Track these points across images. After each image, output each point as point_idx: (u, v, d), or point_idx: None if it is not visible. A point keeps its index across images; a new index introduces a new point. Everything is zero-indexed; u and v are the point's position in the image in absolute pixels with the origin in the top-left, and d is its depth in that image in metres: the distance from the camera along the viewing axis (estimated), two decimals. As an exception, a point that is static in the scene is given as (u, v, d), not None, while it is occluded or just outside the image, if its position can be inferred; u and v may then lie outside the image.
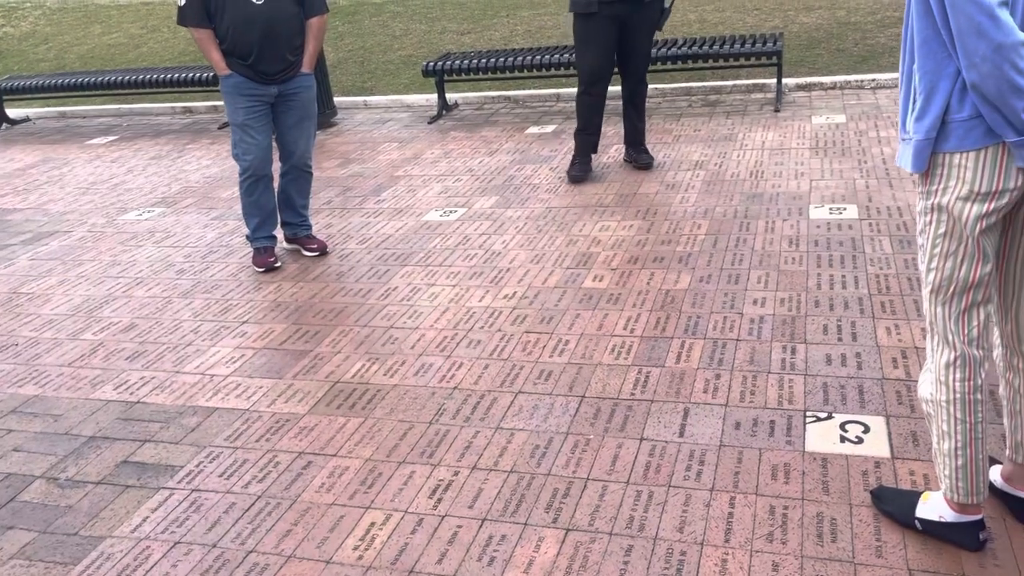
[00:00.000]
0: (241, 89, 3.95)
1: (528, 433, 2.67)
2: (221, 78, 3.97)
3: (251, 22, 3.84)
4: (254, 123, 3.99)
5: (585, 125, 4.94)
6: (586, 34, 4.73)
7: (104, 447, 2.83)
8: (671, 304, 3.40)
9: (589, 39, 4.73)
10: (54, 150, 7.04)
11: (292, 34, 3.96)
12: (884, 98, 6.05)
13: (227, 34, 3.87)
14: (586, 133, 4.96)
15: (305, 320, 3.60)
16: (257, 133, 4.01)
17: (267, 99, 4.01)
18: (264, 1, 3.84)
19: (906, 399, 2.64)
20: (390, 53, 8.57)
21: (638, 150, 5.11)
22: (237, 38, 3.86)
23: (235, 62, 3.92)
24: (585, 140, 4.98)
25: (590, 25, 4.69)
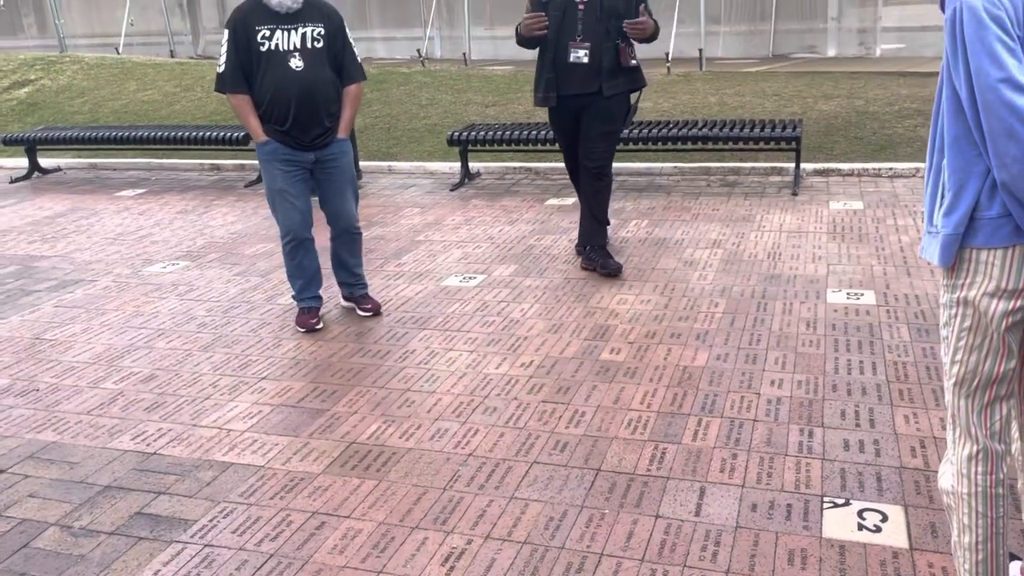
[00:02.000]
0: (278, 155, 4.01)
1: (543, 504, 2.67)
2: (258, 145, 4.01)
3: (289, 88, 3.91)
4: (292, 188, 4.04)
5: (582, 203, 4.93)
6: (552, 123, 4.83)
7: (119, 497, 2.83)
8: (688, 381, 3.42)
9: (555, 128, 4.84)
10: (83, 200, 7.19)
11: (329, 101, 4.04)
12: (901, 187, 6.14)
13: (265, 100, 3.94)
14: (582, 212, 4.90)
15: (323, 379, 3.62)
16: (295, 199, 4.06)
17: (304, 165, 4.06)
18: (302, 68, 3.93)
19: (924, 489, 2.63)
20: (416, 121, 8.77)
21: (601, 254, 4.70)
22: (275, 104, 3.93)
23: (272, 128, 3.98)
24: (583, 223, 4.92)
25: (553, 119, 4.78)
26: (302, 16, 3.95)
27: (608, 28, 4.50)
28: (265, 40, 3.90)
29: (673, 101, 8.67)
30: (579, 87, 4.55)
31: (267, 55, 3.90)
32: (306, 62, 3.93)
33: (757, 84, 9.18)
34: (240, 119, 4.02)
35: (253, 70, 3.94)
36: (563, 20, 4.50)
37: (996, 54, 1.61)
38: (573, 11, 4.49)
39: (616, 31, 4.51)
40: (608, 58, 4.51)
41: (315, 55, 3.97)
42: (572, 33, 4.50)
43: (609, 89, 4.55)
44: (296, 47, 3.93)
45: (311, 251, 4.19)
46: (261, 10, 3.91)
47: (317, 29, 3.97)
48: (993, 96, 1.61)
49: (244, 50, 3.91)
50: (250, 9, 3.92)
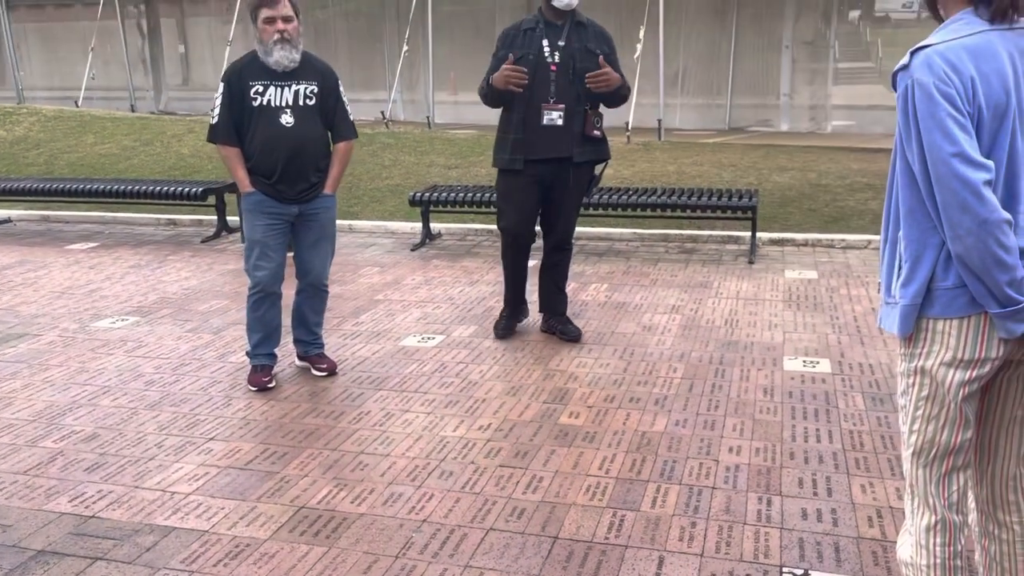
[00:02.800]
0: (262, 207, 3.99)
1: (498, 573, 2.59)
2: (243, 195, 4.01)
3: (278, 143, 3.92)
4: (271, 241, 4.02)
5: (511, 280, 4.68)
6: (508, 191, 4.46)
7: (53, 563, 2.69)
8: (647, 446, 3.39)
9: (511, 197, 4.46)
10: (32, 252, 7.02)
11: (318, 156, 4.05)
12: (854, 258, 6.28)
13: (254, 154, 3.95)
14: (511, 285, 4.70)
15: (274, 440, 3.52)
16: (272, 251, 4.03)
17: (287, 218, 4.05)
18: (293, 124, 3.94)
19: (882, 560, 2.61)
20: (378, 181, 8.80)
21: (561, 320, 4.69)
22: (264, 157, 3.94)
23: (259, 180, 3.98)
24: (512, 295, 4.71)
25: (513, 183, 4.43)
26: (297, 74, 3.97)
27: (579, 92, 4.33)
28: (258, 95, 3.93)
29: (633, 169, 8.83)
30: (550, 151, 4.35)
31: (259, 110, 3.93)
32: (296, 118, 3.95)
33: (714, 155, 9.41)
34: (228, 169, 4.03)
35: (244, 124, 3.96)
36: (534, 80, 4.28)
37: (948, 129, 1.65)
38: (545, 71, 4.31)
39: (587, 95, 4.35)
40: (578, 123, 4.35)
41: (306, 112, 3.99)
42: (544, 94, 4.30)
43: (579, 156, 4.39)
44: (288, 104, 3.95)
45: (276, 306, 4.14)
46: (257, 66, 3.94)
47: (311, 87, 4.00)
48: (946, 169, 1.65)
49: (237, 104, 3.94)
50: (246, 64, 3.96)
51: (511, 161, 4.39)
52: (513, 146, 4.38)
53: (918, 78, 1.68)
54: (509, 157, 4.39)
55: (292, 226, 4.10)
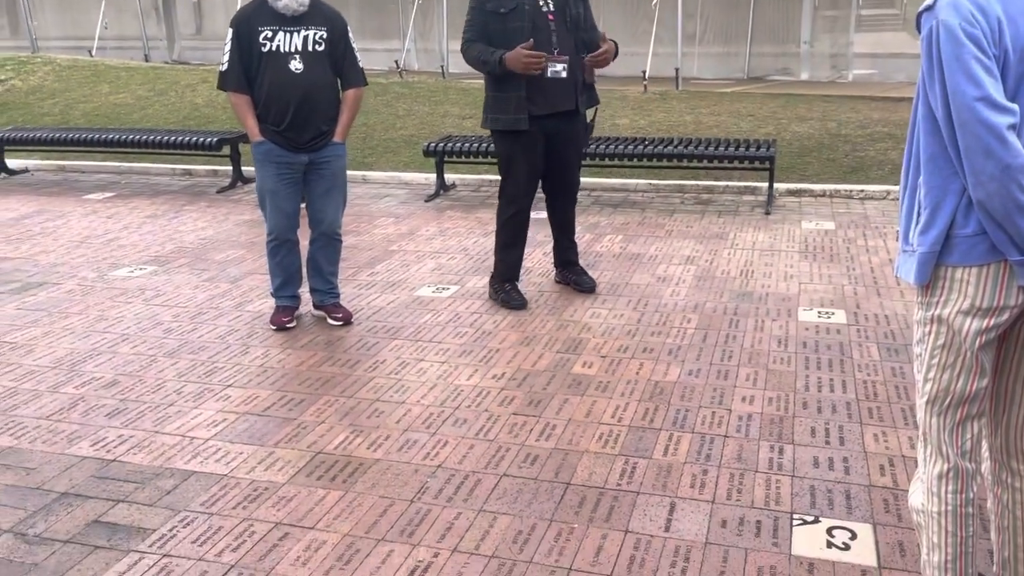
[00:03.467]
0: (272, 156, 3.99)
1: (511, 517, 2.63)
2: (253, 144, 4.01)
3: (287, 90, 3.91)
4: (283, 190, 4.03)
5: (515, 244, 4.44)
6: (514, 153, 4.27)
7: (76, 505, 2.75)
8: (660, 396, 3.40)
9: (519, 158, 4.27)
10: (50, 202, 7.06)
11: (327, 104, 4.03)
12: (872, 208, 6.21)
13: (262, 100, 3.94)
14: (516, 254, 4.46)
15: (291, 388, 3.56)
16: (284, 200, 4.05)
17: (297, 167, 4.05)
18: (302, 70, 3.92)
19: (893, 508, 2.63)
20: (392, 132, 8.74)
21: (576, 271, 4.65)
22: (272, 104, 3.93)
23: (268, 129, 3.98)
24: (514, 263, 4.47)
25: (518, 144, 4.24)
26: (306, 19, 3.93)
27: (575, 40, 4.23)
28: (267, 41, 3.89)
29: (649, 119, 8.72)
30: (556, 105, 4.21)
31: (268, 56, 3.90)
32: (306, 65, 3.92)
33: (732, 104, 9.27)
34: (238, 118, 4.02)
35: (254, 70, 3.93)
36: (533, 31, 4.10)
37: (973, 72, 1.61)
38: (544, 21, 4.15)
39: (581, 44, 4.25)
40: (578, 72, 4.24)
41: (316, 58, 3.95)
42: (546, 46, 4.12)
43: (583, 105, 4.32)
44: (297, 49, 3.91)
45: (293, 251, 4.19)
46: (266, 11, 3.91)
47: (320, 32, 3.96)
48: (970, 115, 1.62)
49: (247, 50, 3.91)
50: (254, 10, 3.93)
51: (515, 121, 4.16)
52: (517, 104, 4.15)
53: (943, 19, 1.64)
54: (513, 117, 4.16)
55: (303, 175, 4.10)
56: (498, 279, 4.51)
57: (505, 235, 4.44)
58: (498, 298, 4.48)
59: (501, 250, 4.47)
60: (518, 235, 4.45)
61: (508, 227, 4.43)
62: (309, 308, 4.45)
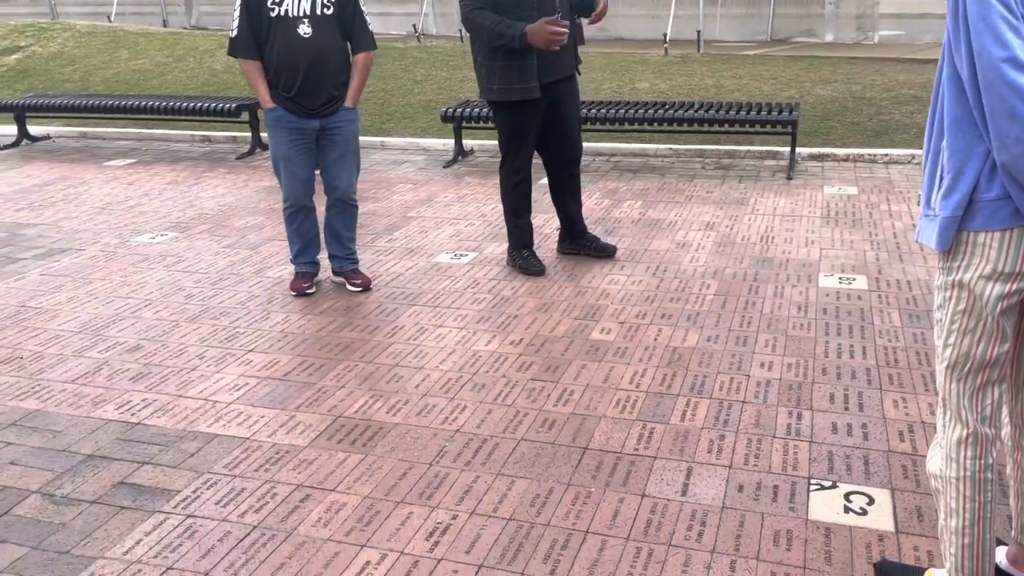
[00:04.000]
0: (284, 122, 4.00)
1: (529, 481, 2.65)
2: (265, 111, 4.02)
3: (297, 55, 3.90)
4: (296, 156, 4.04)
5: (526, 210, 4.42)
6: (523, 124, 4.19)
7: (102, 466, 2.81)
8: (678, 361, 3.40)
9: (526, 131, 4.21)
10: (72, 169, 7.11)
11: (338, 69, 4.02)
12: (896, 173, 6.12)
13: (272, 65, 3.94)
14: (527, 219, 4.44)
15: (311, 353, 3.59)
16: (298, 166, 4.06)
17: (310, 132, 4.05)
18: (311, 35, 3.90)
19: (912, 473, 2.63)
20: (410, 97, 8.70)
21: (590, 238, 4.59)
22: (282, 70, 3.92)
23: (279, 95, 3.98)
24: (528, 229, 4.46)
25: (526, 113, 4.16)
26: None
27: (571, 3, 4.21)
28: (275, 5, 3.87)
29: (670, 83, 8.61)
30: (559, 71, 4.18)
31: (276, 21, 3.88)
32: (315, 29, 3.90)
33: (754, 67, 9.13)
34: (249, 84, 4.01)
35: (263, 35, 3.92)
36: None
37: (999, 33, 1.58)
38: None
39: (572, 6, 4.22)
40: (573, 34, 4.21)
41: (324, 22, 3.93)
42: (550, 11, 4.05)
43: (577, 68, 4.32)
44: (306, 13, 3.89)
45: (310, 218, 4.22)
46: None
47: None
48: (995, 76, 1.58)
49: (255, 15, 3.89)
50: None
51: (527, 90, 4.06)
52: (526, 73, 4.05)
53: (970, -23, 1.60)
54: (524, 86, 4.06)
55: (317, 141, 4.10)
56: (515, 247, 4.50)
57: (515, 203, 4.41)
58: (516, 265, 4.47)
59: (513, 218, 4.44)
60: (527, 201, 4.43)
61: (516, 195, 4.39)
62: (328, 274, 4.48)
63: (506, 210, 4.46)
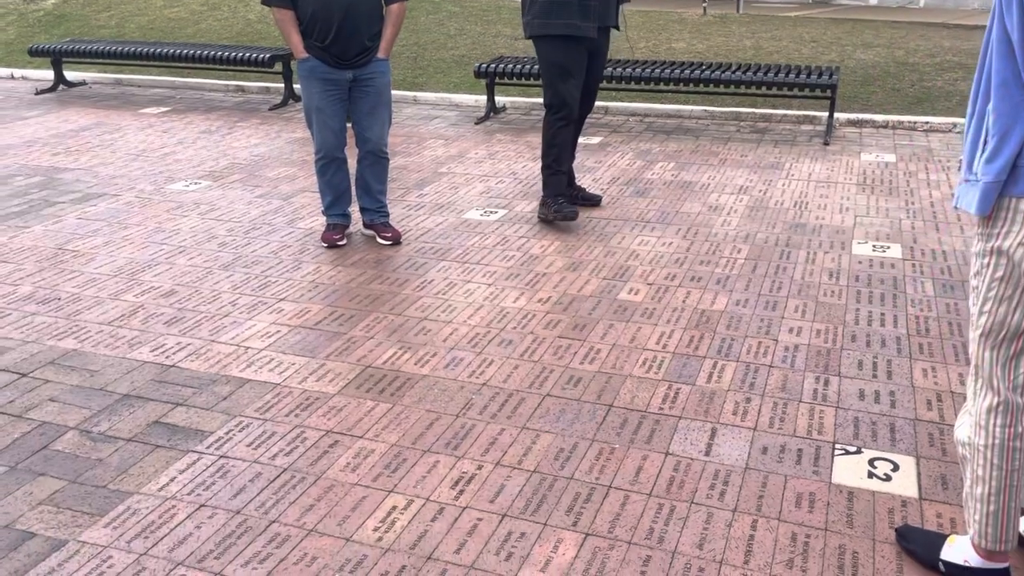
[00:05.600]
0: (316, 73, 4.01)
1: (553, 436, 2.68)
2: (298, 61, 4.04)
3: (332, 5, 3.89)
4: (328, 107, 4.06)
5: (563, 159, 4.45)
6: (571, 61, 4.27)
7: (137, 406, 2.88)
8: (706, 324, 3.40)
9: (575, 67, 4.30)
10: (108, 115, 7.16)
11: (371, 19, 4.02)
12: (936, 141, 6.00)
13: (307, 16, 3.94)
14: (563, 168, 4.47)
15: (341, 303, 3.63)
16: (330, 118, 4.08)
17: (343, 84, 4.06)
18: None
19: (938, 442, 2.62)
20: (443, 51, 8.63)
21: (575, 187, 4.77)
22: (317, 20, 3.92)
23: (312, 45, 3.98)
24: (562, 177, 4.49)
25: (577, 51, 4.27)
26: None
27: None
28: None
29: (707, 43, 8.47)
30: (604, 18, 4.32)
31: None
32: None
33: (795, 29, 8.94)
34: (282, 34, 4.02)
35: None
36: None
37: (1056, -7, 1.53)
38: None
39: None
40: None
41: None
42: None
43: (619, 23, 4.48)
44: None
45: (342, 170, 4.24)
46: None
47: None
48: (1048, 38, 1.54)
49: None
50: None
51: (586, 28, 4.19)
52: (585, 12, 4.18)
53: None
54: (584, 23, 4.18)
55: (349, 93, 4.10)
56: (551, 194, 4.50)
57: (557, 147, 4.43)
58: (550, 212, 4.47)
59: (553, 163, 4.45)
60: (568, 147, 4.47)
61: (559, 137, 4.41)
62: (359, 227, 4.50)
63: (547, 155, 4.46)
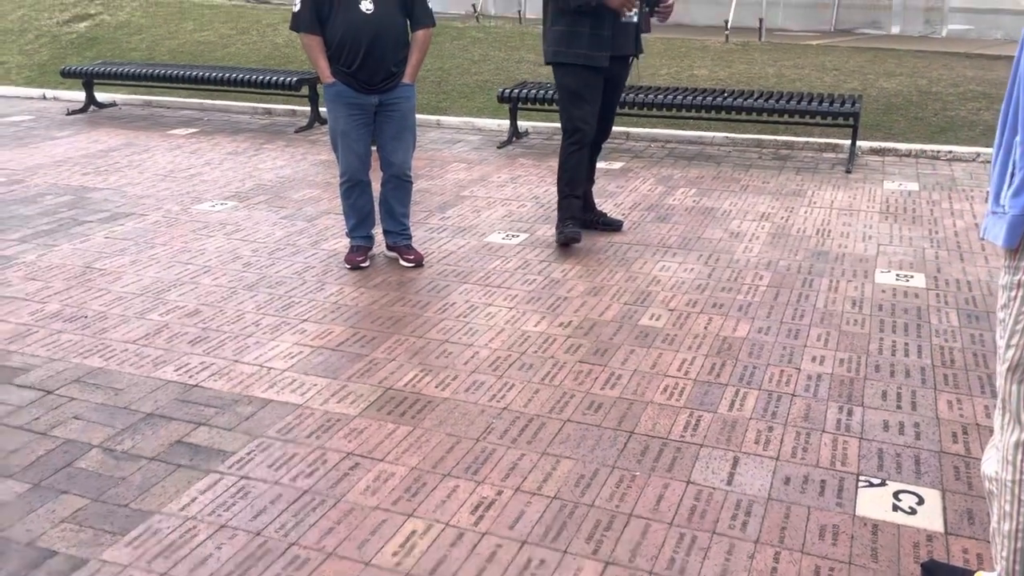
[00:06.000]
0: (343, 97, 4.06)
1: (574, 462, 2.68)
2: (324, 86, 4.10)
3: (359, 31, 3.95)
4: (354, 132, 4.11)
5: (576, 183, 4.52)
6: (585, 88, 4.38)
7: (160, 425, 2.90)
8: (728, 351, 3.39)
9: (590, 94, 4.40)
10: (136, 136, 7.28)
11: (398, 45, 4.08)
12: (960, 170, 5.97)
13: (334, 41, 4.00)
14: (576, 192, 4.55)
15: (363, 325, 3.65)
16: (355, 142, 4.13)
17: (368, 108, 4.11)
18: (372, 11, 3.96)
19: (964, 475, 2.59)
20: (467, 76, 8.71)
21: (596, 212, 4.85)
22: (344, 46, 3.98)
23: (339, 70, 4.04)
24: (574, 201, 4.55)
25: (591, 79, 4.37)
26: None
27: None
28: None
29: (729, 70, 8.49)
30: (623, 48, 4.38)
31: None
32: (376, 6, 3.97)
33: (817, 57, 8.95)
34: (309, 59, 4.09)
35: (325, 11, 3.98)
36: None
37: (1085, 27, 1.53)
38: None
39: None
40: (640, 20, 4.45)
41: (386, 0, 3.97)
42: None
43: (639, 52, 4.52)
44: None
45: (366, 193, 4.29)
46: None
47: None
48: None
49: None
50: None
51: (598, 58, 4.30)
52: (600, 43, 4.29)
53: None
54: (595, 53, 4.30)
55: (374, 117, 4.15)
56: (561, 217, 4.56)
57: (572, 171, 4.52)
58: (559, 236, 4.54)
59: (566, 186, 4.53)
60: (582, 171, 4.55)
61: (572, 161, 4.50)
62: (382, 249, 4.54)
63: (562, 179, 4.55)
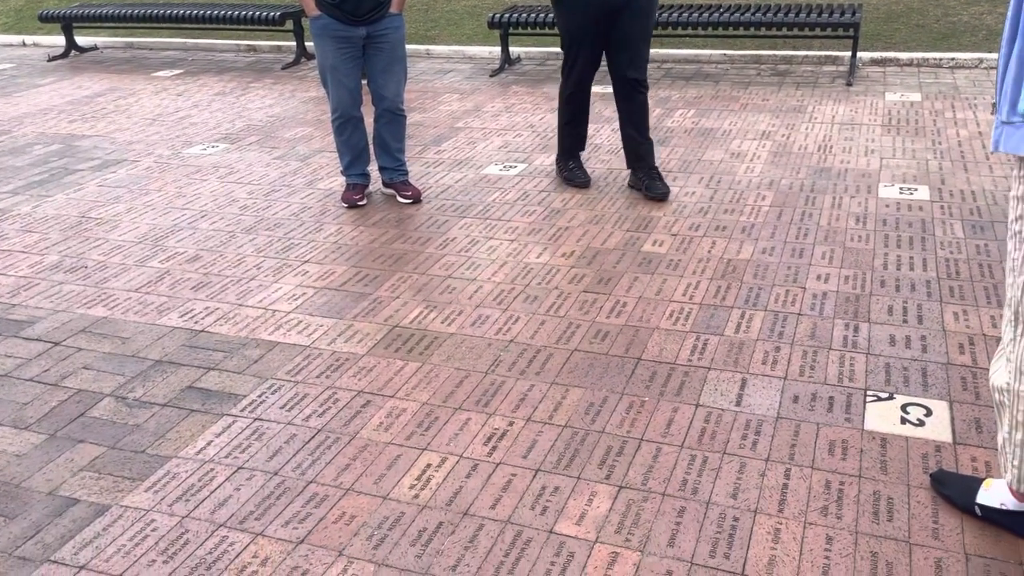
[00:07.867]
0: (330, 31, 3.96)
1: (583, 390, 2.69)
2: (310, 20, 3.98)
3: None
4: (343, 66, 4.01)
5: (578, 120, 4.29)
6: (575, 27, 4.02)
7: (170, 372, 2.91)
8: (732, 273, 3.37)
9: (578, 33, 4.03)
10: (121, 80, 7.13)
11: None
12: (963, 78, 5.86)
13: None
14: (579, 130, 4.33)
15: (365, 264, 3.64)
16: (345, 77, 4.04)
17: (356, 41, 4.01)
18: None
19: (971, 386, 2.60)
20: (455, 3, 8.49)
21: (649, 174, 4.17)
22: None
23: (324, 2, 3.93)
24: (578, 138, 4.34)
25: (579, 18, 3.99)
26: None
27: None
28: None
29: (724, -16, 8.27)
30: None
31: None
32: None
33: (814, -33, 8.71)
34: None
35: None
36: None
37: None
38: None
39: None
40: None
41: None
42: None
43: None
44: None
45: (359, 128, 4.21)
46: None
47: None
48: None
49: None
50: None
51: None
52: None
53: None
54: None
55: (363, 50, 4.05)
56: (562, 156, 4.43)
57: (568, 111, 4.29)
58: (561, 176, 4.42)
59: (564, 126, 4.34)
60: (581, 111, 4.29)
61: (571, 103, 4.25)
62: (379, 186, 4.49)
63: (560, 117, 4.35)
